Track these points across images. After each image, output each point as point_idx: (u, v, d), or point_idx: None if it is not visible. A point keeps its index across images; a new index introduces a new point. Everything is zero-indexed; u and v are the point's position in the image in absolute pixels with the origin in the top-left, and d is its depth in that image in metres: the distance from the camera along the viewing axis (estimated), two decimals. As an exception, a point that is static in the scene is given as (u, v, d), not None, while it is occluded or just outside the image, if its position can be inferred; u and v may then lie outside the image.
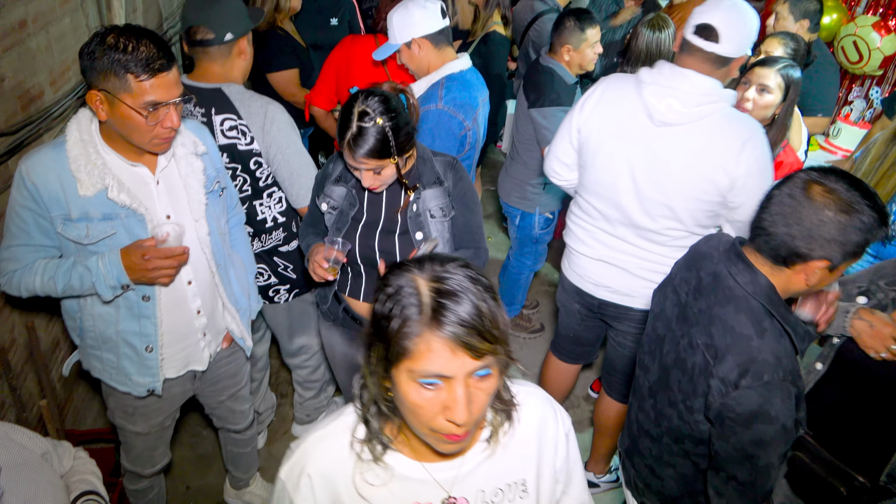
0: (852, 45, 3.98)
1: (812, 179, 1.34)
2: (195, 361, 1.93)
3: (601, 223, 2.13)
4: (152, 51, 1.49)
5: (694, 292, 1.52)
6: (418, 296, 0.91)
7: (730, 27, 1.81)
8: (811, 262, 1.33)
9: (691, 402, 1.48)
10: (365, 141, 1.67)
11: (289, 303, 2.42)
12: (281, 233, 2.30)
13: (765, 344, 1.36)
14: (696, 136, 1.86)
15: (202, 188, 1.78)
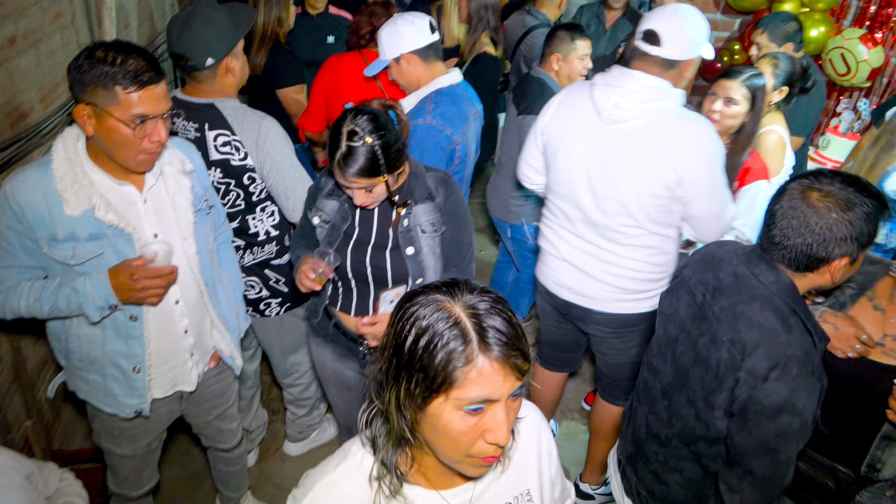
0: (840, 58, 4.02)
1: (807, 187, 1.42)
2: (183, 382, 1.90)
3: (564, 222, 2.20)
4: (141, 64, 1.49)
5: (713, 292, 1.55)
6: (459, 323, 0.91)
7: (671, 31, 1.91)
8: (833, 263, 1.42)
9: (714, 398, 1.51)
10: (354, 160, 1.66)
11: (280, 317, 2.41)
12: (273, 246, 2.29)
13: (793, 339, 1.41)
14: (644, 132, 1.93)
15: (190, 206, 1.77)
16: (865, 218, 1.37)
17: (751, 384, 1.41)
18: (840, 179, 1.40)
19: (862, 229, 1.37)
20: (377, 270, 1.88)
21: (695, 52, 1.97)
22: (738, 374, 1.43)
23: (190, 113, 2.04)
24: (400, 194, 1.85)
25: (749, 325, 1.44)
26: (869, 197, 1.38)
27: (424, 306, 0.93)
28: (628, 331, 2.24)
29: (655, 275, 2.12)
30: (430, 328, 0.91)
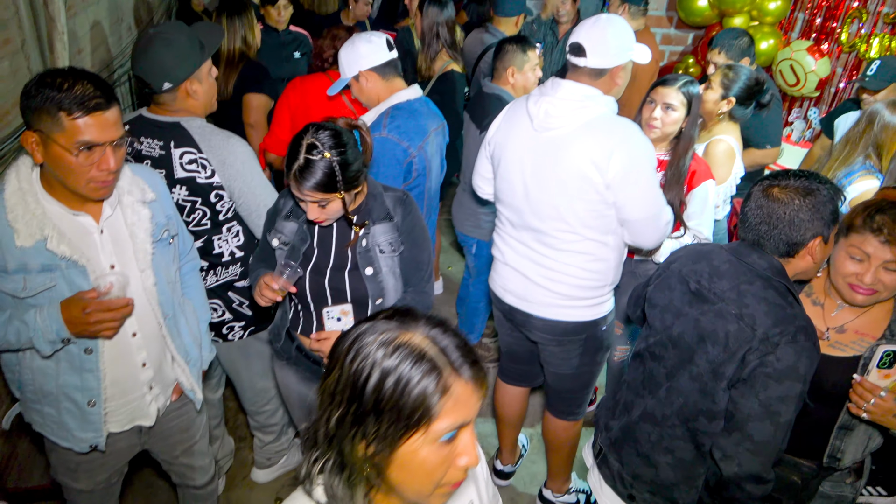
0: (789, 69, 4.16)
1: (767, 186, 1.60)
2: (141, 416, 1.85)
3: (508, 228, 2.26)
4: (88, 89, 1.45)
5: (710, 277, 1.67)
6: (425, 356, 0.87)
7: (593, 41, 1.98)
8: (809, 244, 1.57)
9: (724, 367, 1.59)
10: (311, 174, 1.65)
11: (244, 341, 2.36)
12: (238, 267, 2.25)
13: (798, 311, 1.57)
14: (573, 137, 1.99)
15: (149, 237, 1.72)
16: (825, 199, 1.54)
17: (763, 351, 1.52)
18: (794, 174, 1.60)
19: (824, 210, 1.54)
20: (336, 292, 1.87)
21: (622, 59, 2.03)
22: (751, 343, 1.54)
23: (155, 131, 2.02)
24: (358, 214, 1.84)
25: (756, 300, 1.57)
26: (822, 182, 1.56)
27: (381, 345, 0.89)
28: (568, 340, 2.27)
29: (593, 282, 2.15)
30: (397, 367, 0.86)
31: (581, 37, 2.01)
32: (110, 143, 1.51)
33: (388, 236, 1.86)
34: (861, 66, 3.97)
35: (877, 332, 1.71)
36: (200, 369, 2.00)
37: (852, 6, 4.02)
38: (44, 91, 1.43)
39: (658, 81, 2.42)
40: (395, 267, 1.88)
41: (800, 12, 4.48)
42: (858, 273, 1.65)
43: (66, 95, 1.43)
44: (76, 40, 3.11)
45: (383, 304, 1.89)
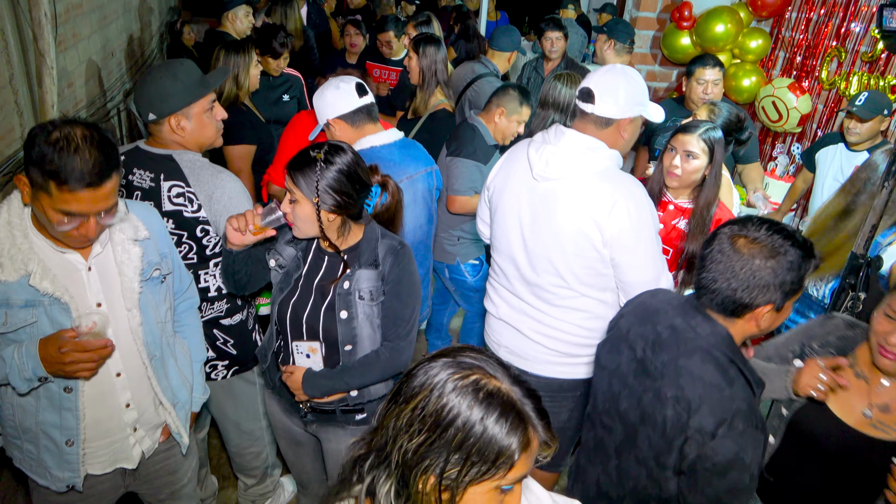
0: (772, 106, 4.24)
1: (734, 233, 1.43)
2: (123, 459, 1.80)
3: (503, 280, 2.19)
4: (87, 164, 1.40)
5: (652, 346, 1.53)
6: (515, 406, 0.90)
7: (604, 89, 1.92)
8: (757, 310, 1.42)
9: (664, 458, 1.47)
10: (298, 162, 1.70)
11: (228, 380, 2.31)
12: (224, 304, 2.22)
13: (736, 392, 1.40)
14: (572, 190, 1.93)
15: (137, 276, 1.69)
16: (789, 266, 1.38)
17: (699, 441, 1.39)
18: (767, 227, 1.42)
19: (785, 277, 1.38)
20: (310, 328, 1.84)
21: (633, 112, 1.96)
22: (686, 433, 1.41)
23: (148, 163, 2.02)
24: (348, 255, 1.82)
25: (692, 381, 1.42)
26: (794, 246, 1.39)
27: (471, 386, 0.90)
28: (562, 396, 2.19)
29: (589, 339, 2.05)
30: (489, 411, 0.88)
31: (592, 82, 1.94)
32: (94, 214, 1.49)
33: (370, 283, 1.81)
34: (841, 102, 4.05)
35: None
36: (189, 412, 1.95)
37: (831, 45, 4.13)
38: (43, 148, 1.39)
39: (679, 128, 2.39)
40: (374, 317, 1.83)
41: (780, 50, 4.59)
42: (888, 332, 1.51)
43: (63, 164, 1.39)
44: (66, 75, 3.12)
45: (354, 350, 1.84)
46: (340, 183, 1.70)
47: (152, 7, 5.83)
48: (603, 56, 4.09)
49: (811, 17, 4.29)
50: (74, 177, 1.40)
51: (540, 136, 2.04)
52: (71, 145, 1.40)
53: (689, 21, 4.55)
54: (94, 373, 1.59)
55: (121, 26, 4.45)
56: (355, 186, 1.73)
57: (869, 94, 3.10)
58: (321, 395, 1.86)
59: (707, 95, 3.28)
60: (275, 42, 3.51)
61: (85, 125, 1.45)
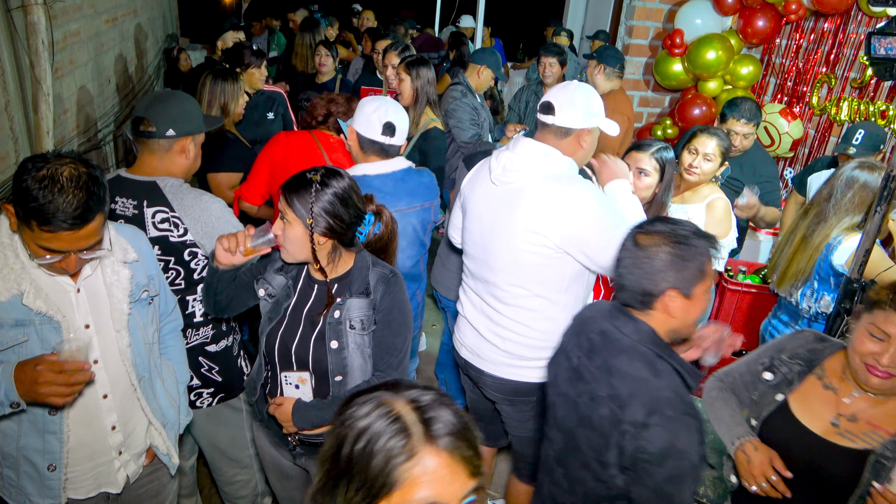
0: (764, 131, 4.29)
1: (637, 231, 1.55)
2: (108, 483, 1.76)
3: (469, 280, 2.28)
4: (70, 206, 1.40)
5: (587, 353, 1.59)
6: (400, 418, 0.84)
7: (563, 102, 2.05)
8: (663, 297, 1.50)
9: (604, 456, 1.50)
10: (294, 182, 1.69)
11: (213, 408, 2.28)
12: (209, 329, 2.20)
13: (662, 382, 1.46)
14: (527, 193, 2.02)
15: (126, 297, 1.69)
16: (686, 251, 1.46)
17: (633, 434, 1.43)
18: (667, 222, 1.52)
19: (689, 262, 1.46)
20: (299, 357, 1.81)
21: (589, 123, 2.07)
22: (621, 427, 1.46)
23: (130, 191, 2.01)
24: (339, 284, 1.81)
25: (621, 378, 1.49)
26: (692, 234, 1.48)
27: (363, 405, 0.87)
28: (520, 400, 2.23)
29: (540, 342, 2.10)
30: (369, 428, 0.84)
31: (552, 96, 2.08)
32: (75, 251, 1.49)
33: (361, 312, 1.79)
34: (832, 127, 4.10)
35: (892, 428, 1.56)
36: (178, 433, 1.94)
37: (821, 71, 4.19)
38: (29, 184, 1.38)
39: (632, 146, 2.46)
40: (364, 346, 1.81)
41: (771, 77, 4.66)
42: (876, 353, 1.51)
43: (45, 204, 1.38)
44: (62, 101, 3.14)
45: (344, 381, 1.81)
46: (335, 206, 1.69)
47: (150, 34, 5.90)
48: (594, 81, 4.14)
49: (801, 44, 4.36)
50: (57, 218, 1.40)
51: (504, 146, 2.17)
52: (55, 186, 1.38)
53: (680, 48, 4.61)
54: (67, 400, 1.53)
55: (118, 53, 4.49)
56: (349, 212, 1.73)
57: (865, 131, 3.04)
58: (311, 427, 1.83)
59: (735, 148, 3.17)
60: (247, 54, 3.53)
61: (75, 163, 1.44)
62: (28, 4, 2.65)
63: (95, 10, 3.85)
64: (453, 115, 3.82)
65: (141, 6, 5.47)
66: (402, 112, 2.38)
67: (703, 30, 4.52)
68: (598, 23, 6.40)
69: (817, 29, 4.22)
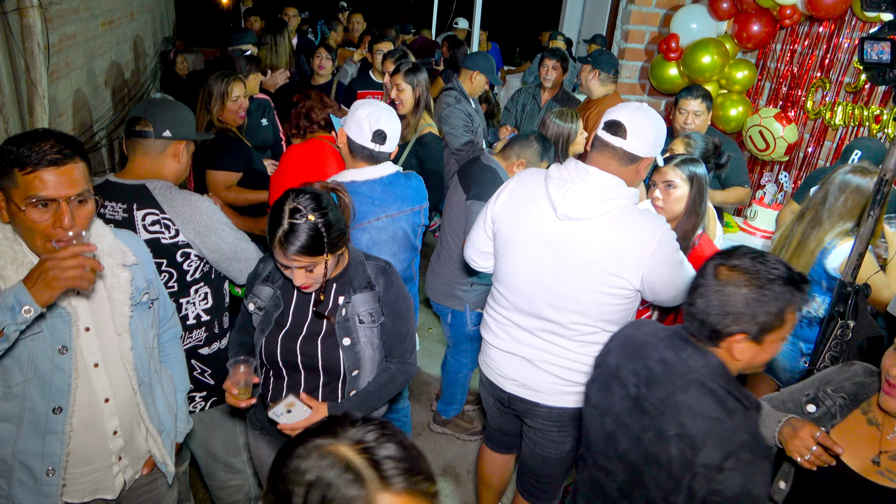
0: (759, 135, 4.30)
1: (719, 263, 1.44)
2: (104, 489, 1.75)
3: (512, 314, 2.12)
4: (46, 146, 1.43)
5: (646, 383, 1.49)
6: (350, 466, 0.82)
7: (637, 125, 1.89)
8: (729, 338, 1.41)
9: (674, 497, 1.42)
10: (297, 237, 1.65)
11: (206, 412, 2.28)
12: (202, 332, 2.20)
13: (737, 423, 1.38)
14: (599, 230, 1.89)
15: (127, 300, 1.68)
16: (765, 297, 1.36)
17: (707, 477, 1.36)
18: (752, 257, 1.41)
19: (761, 307, 1.37)
20: (308, 358, 1.83)
21: (654, 152, 1.96)
22: (693, 470, 1.38)
23: (119, 194, 2.01)
24: (339, 282, 1.83)
25: (692, 416, 1.39)
26: (777, 278, 1.37)
27: (305, 457, 0.84)
28: (571, 425, 2.15)
29: None
30: (319, 480, 0.82)
31: (623, 116, 1.90)
32: (66, 199, 1.46)
33: (368, 306, 1.83)
34: (827, 132, 4.12)
35: None
36: (174, 441, 1.93)
37: (815, 76, 4.20)
38: (4, 146, 1.43)
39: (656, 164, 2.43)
40: (374, 338, 1.85)
41: (766, 81, 4.67)
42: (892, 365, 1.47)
43: (23, 151, 1.41)
44: (58, 104, 3.14)
45: (359, 375, 1.85)
46: (335, 223, 1.71)
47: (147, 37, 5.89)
48: (588, 86, 4.14)
49: (795, 49, 4.38)
50: (34, 158, 1.41)
51: (556, 172, 1.98)
52: (28, 139, 1.44)
53: (676, 52, 4.63)
54: (87, 278, 1.45)
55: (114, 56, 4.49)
56: (340, 216, 1.75)
57: (862, 151, 2.99)
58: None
59: (688, 126, 3.31)
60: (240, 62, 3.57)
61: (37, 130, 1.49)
62: (24, 7, 2.65)
63: (92, 13, 3.86)
64: (447, 121, 3.81)
65: (138, 9, 5.47)
66: (394, 119, 2.37)
67: (699, 34, 4.53)
68: (595, 27, 6.42)
69: (812, 34, 4.24)
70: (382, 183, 2.37)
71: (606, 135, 1.91)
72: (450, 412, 3.38)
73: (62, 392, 1.58)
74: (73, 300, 1.60)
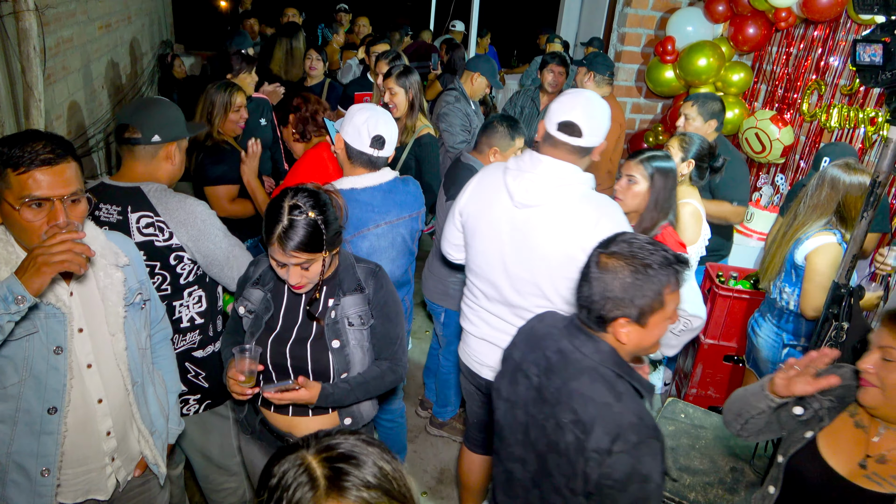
0: (755, 137, 4.31)
1: (599, 250, 1.47)
2: (97, 490, 1.75)
3: (483, 302, 2.22)
4: (38, 146, 1.44)
5: (545, 373, 1.53)
6: (308, 471, 0.84)
7: (590, 122, 1.97)
8: (614, 323, 1.44)
9: (573, 483, 1.45)
10: (296, 233, 1.66)
11: (200, 415, 2.28)
12: (196, 335, 2.20)
13: (625, 406, 1.41)
14: (554, 215, 1.98)
15: (121, 300, 1.69)
16: (641, 280, 1.39)
17: (598, 461, 1.39)
18: (633, 242, 1.44)
19: (638, 290, 1.40)
20: (297, 362, 1.83)
21: (604, 137, 2.06)
22: (586, 454, 1.41)
23: (114, 197, 2.02)
24: (329, 284, 1.83)
25: (584, 402, 1.43)
26: (654, 262, 1.40)
27: (280, 463, 0.88)
28: None
29: None
30: (280, 483, 0.85)
31: (576, 115, 1.97)
32: (60, 198, 1.48)
33: (358, 308, 1.84)
34: (822, 134, 4.13)
35: None
36: (166, 442, 1.93)
37: (811, 78, 4.22)
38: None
39: (629, 155, 2.46)
40: (363, 340, 1.85)
41: (762, 84, 4.68)
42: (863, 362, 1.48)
43: (15, 152, 1.43)
44: (54, 108, 3.14)
45: (349, 378, 1.86)
46: (332, 221, 1.73)
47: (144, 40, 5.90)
48: (584, 88, 4.15)
49: (791, 52, 4.39)
50: (27, 158, 1.43)
51: (514, 163, 2.09)
52: (21, 138, 1.45)
53: (672, 55, 4.64)
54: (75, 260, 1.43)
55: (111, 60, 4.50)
56: (336, 216, 1.77)
57: (830, 159, 2.99)
58: (330, 405, 1.85)
59: (679, 127, 3.32)
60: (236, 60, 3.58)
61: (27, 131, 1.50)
62: (20, 11, 2.65)
63: (88, 16, 3.86)
64: (445, 119, 3.83)
65: (135, 12, 5.48)
66: (391, 124, 2.37)
67: (695, 37, 4.55)
68: (592, 29, 6.43)
69: (807, 36, 4.25)
70: (381, 190, 2.38)
71: (562, 135, 1.99)
72: (445, 414, 3.38)
73: (57, 392, 1.59)
74: (66, 300, 1.60)
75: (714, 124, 3.25)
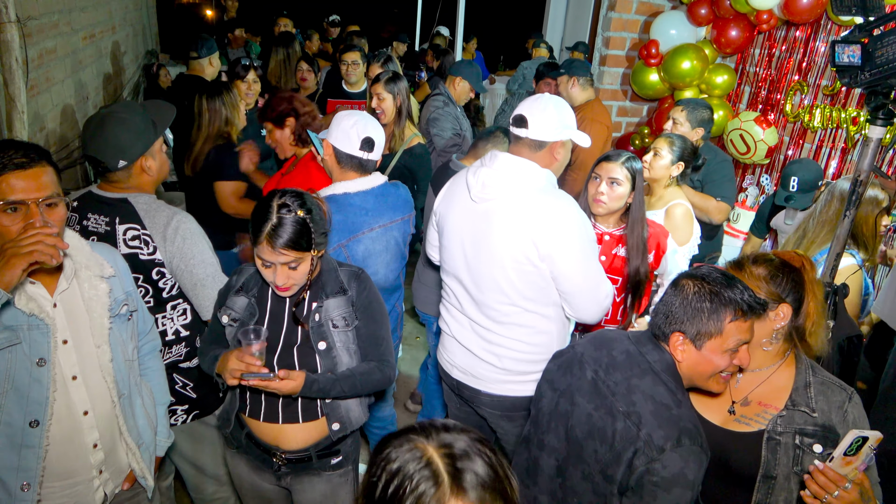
0: (739, 138, 4.35)
1: (682, 275, 1.58)
2: (84, 503, 1.73)
3: (453, 300, 2.25)
4: (12, 151, 1.45)
5: (606, 368, 1.61)
6: (430, 464, 0.86)
7: (536, 115, 2.05)
8: (671, 336, 1.54)
9: (613, 470, 1.50)
10: (285, 231, 1.67)
11: (188, 425, 2.26)
12: (182, 347, 2.18)
13: (684, 413, 1.48)
14: (508, 209, 2.01)
15: (106, 312, 1.68)
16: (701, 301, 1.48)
17: (648, 455, 1.44)
18: (712, 274, 1.53)
19: (694, 310, 1.49)
20: (286, 367, 1.82)
21: (563, 135, 2.08)
22: (636, 445, 1.46)
23: (102, 207, 2.01)
24: (312, 288, 1.83)
25: (644, 398, 1.50)
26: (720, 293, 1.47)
27: (398, 447, 0.89)
28: (518, 414, 2.21)
29: (536, 355, 2.11)
30: (401, 471, 0.87)
31: (524, 109, 2.08)
32: (35, 202, 1.48)
33: (341, 310, 1.84)
34: (806, 134, 4.17)
35: (779, 403, 1.63)
36: (153, 455, 1.91)
37: (794, 80, 4.26)
38: None
39: (602, 157, 2.47)
40: (349, 342, 1.86)
41: (746, 85, 4.73)
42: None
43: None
44: (38, 119, 3.12)
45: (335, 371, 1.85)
46: (319, 222, 1.75)
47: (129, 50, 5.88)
48: (569, 94, 4.18)
49: (773, 53, 4.44)
50: (1, 163, 1.44)
51: (478, 161, 2.16)
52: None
53: (656, 58, 4.68)
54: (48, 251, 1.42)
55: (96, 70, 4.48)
56: (323, 218, 1.79)
57: (798, 178, 2.96)
58: (314, 395, 1.82)
59: (666, 130, 3.35)
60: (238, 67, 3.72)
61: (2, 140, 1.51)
62: (1, 23, 2.64)
63: (72, 27, 3.84)
64: (435, 123, 3.84)
65: (119, 23, 5.46)
66: (379, 127, 2.38)
67: (678, 40, 4.59)
68: (577, 34, 6.47)
69: (789, 38, 4.30)
70: (374, 193, 2.38)
71: (514, 128, 2.10)
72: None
73: (39, 405, 1.57)
74: (50, 311, 1.59)
75: (701, 132, 3.28)
